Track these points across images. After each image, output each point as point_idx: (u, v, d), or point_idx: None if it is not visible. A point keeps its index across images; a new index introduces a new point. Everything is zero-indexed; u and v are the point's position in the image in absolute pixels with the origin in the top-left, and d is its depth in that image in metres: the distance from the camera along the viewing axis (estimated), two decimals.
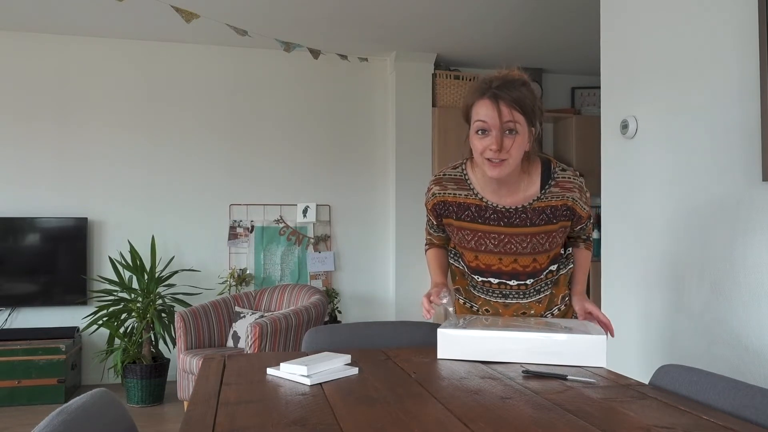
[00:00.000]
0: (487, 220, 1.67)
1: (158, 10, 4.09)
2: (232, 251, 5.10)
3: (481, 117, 1.54)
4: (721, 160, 2.07)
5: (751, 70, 1.96)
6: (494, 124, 1.53)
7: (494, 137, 1.53)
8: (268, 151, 5.21)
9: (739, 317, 2.00)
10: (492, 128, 1.53)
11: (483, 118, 1.54)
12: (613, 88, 2.62)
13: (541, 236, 1.66)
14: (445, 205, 1.71)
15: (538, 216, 1.64)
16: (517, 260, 1.69)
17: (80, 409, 0.98)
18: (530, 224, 1.65)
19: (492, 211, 1.66)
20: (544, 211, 1.64)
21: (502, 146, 1.53)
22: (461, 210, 1.69)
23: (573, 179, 1.67)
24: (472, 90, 1.60)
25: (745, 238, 1.99)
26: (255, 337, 3.57)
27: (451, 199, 1.70)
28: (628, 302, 2.49)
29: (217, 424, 1.04)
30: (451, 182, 1.71)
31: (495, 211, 1.66)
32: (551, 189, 1.64)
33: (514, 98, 1.53)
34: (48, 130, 4.79)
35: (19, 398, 4.16)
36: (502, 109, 1.52)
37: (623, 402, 1.17)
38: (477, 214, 1.67)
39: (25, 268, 4.61)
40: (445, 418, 1.06)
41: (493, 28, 4.67)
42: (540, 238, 1.66)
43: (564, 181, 1.65)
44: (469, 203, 1.68)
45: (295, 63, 5.19)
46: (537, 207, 1.64)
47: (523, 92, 1.55)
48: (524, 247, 1.67)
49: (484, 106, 1.54)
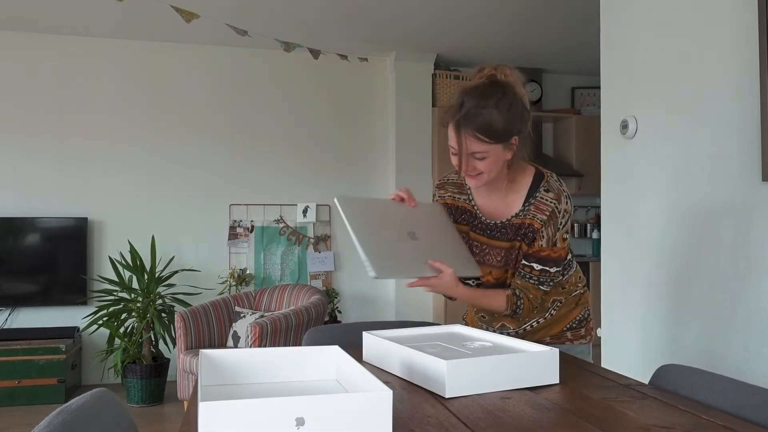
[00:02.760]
0: (475, 228, 1.74)
1: (158, 10, 4.09)
2: (232, 251, 5.10)
3: (451, 142, 1.59)
4: (721, 160, 2.07)
5: (751, 69, 1.96)
6: (461, 150, 1.57)
7: (462, 162, 1.58)
8: (268, 151, 5.21)
9: (739, 317, 2.00)
10: (460, 153, 1.58)
11: (451, 144, 1.59)
12: (613, 88, 2.62)
13: (513, 251, 1.68)
14: (445, 207, 1.78)
15: (515, 232, 1.67)
16: (492, 272, 1.72)
17: (80, 409, 0.98)
18: (506, 239, 1.68)
19: (479, 222, 1.73)
20: (521, 227, 1.66)
21: (468, 169, 1.59)
22: (459, 213, 1.76)
23: (549, 202, 1.64)
24: (446, 107, 1.62)
25: (745, 238, 1.99)
26: (255, 336, 3.57)
27: (450, 202, 1.78)
28: (628, 302, 2.49)
29: None
30: (452, 186, 1.80)
31: (481, 223, 1.73)
32: (529, 207, 1.66)
33: (479, 127, 1.52)
34: (48, 129, 4.79)
35: (19, 398, 4.16)
36: (465, 140, 1.55)
37: (623, 402, 1.17)
38: (469, 221, 1.75)
39: (25, 268, 4.61)
40: (445, 419, 1.06)
41: (493, 28, 4.68)
42: (511, 252, 1.68)
43: (542, 202, 1.65)
44: (466, 208, 1.76)
45: (295, 63, 5.19)
46: (515, 223, 1.67)
47: (492, 116, 1.52)
48: (498, 260, 1.70)
49: (452, 131, 1.57)
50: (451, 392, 1.18)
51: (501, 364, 1.23)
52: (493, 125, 1.52)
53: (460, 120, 1.54)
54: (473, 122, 1.53)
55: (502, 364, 1.23)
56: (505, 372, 1.24)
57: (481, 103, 1.53)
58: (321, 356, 1.29)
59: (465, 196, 1.76)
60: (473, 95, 1.56)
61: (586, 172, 5.57)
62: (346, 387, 1.19)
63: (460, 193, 1.77)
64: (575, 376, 1.39)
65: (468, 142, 1.54)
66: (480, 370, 1.21)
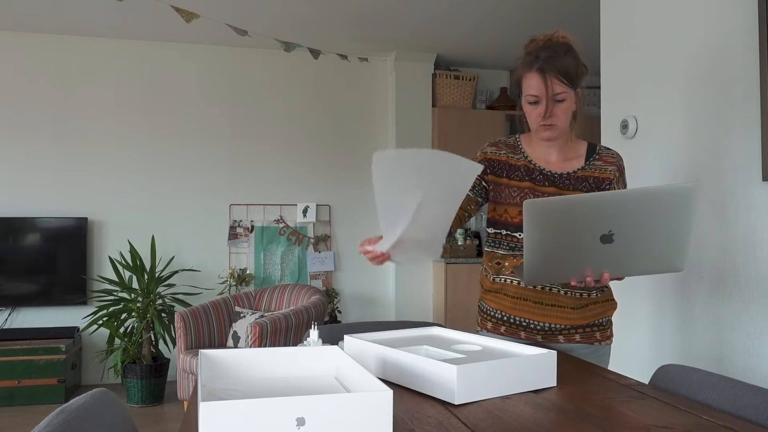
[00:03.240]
0: (535, 180, 1.78)
1: (158, 10, 4.09)
2: (232, 251, 5.10)
3: (532, 91, 1.69)
4: (721, 160, 2.07)
5: (751, 69, 1.96)
6: (543, 95, 1.68)
7: (544, 106, 1.69)
8: (268, 151, 5.21)
9: (739, 317, 2.00)
10: (542, 99, 1.68)
11: (534, 92, 1.68)
12: (613, 88, 2.62)
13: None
14: (498, 163, 1.81)
15: (581, 183, 1.77)
16: None
17: (80, 409, 0.98)
18: (573, 189, 1.77)
19: (539, 173, 1.79)
20: (587, 179, 1.78)
21: (552, 114, 1.69)
22: (512, 170, 1.80)
23: (616, 155, 1.82)
24: (521, 60, 1.73)
25: (745, 238, 1.99)
26: (255, 336, 3.57)
27: (504, 159, 1.82)
28: (628, 302, 2.49)
29: None
30: (505, 146, 1.84)
31: (542, 173, 1.79)
32: (594, 162, 1.80)
33: (560, 70, 1.66)
34: (48, 129, 4.79)
35: (19, 398, 4.16)
36: (549, 83, 1.66)
37: (623, 402, 1.17)
38: (526, 174, 1.79)
39: (25, 268, 4.61)
40: (445, 419, 1.06)
41: (493, 28, 4.68)
42: None
43: (607, 156, 1.81)
44: (519, 165, 1.80)
45: (295, 63, 5.19)
46: (581, 176, 1.78)
47: (568, 61, 1.68)
48: None
49: (534, 78, 1.68)
50: (460, 399, 1.14)
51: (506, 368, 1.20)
52: (570, 70, 1.68)
53: (543, 65, 1.66)
54: (555, 66, 1.66)
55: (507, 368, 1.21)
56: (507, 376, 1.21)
57: (555, 53, 1.68)
58: (321, 356, 1.29)
59: (520, 155, 1.81)
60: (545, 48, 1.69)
61: None
62: (346, 387, 1.18)
63: (513, 153, 1.82)
64: (575, 376, 1.39)
65: (552, 84, 1.66)
66: (487, 375, 1.18)
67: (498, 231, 1.81)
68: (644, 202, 1.40)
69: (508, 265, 1.78)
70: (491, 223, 1.83)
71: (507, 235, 1.79)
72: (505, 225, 1.79)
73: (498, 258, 1.81)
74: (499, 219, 1.80)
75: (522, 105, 1.75)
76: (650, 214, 1.41)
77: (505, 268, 1.79)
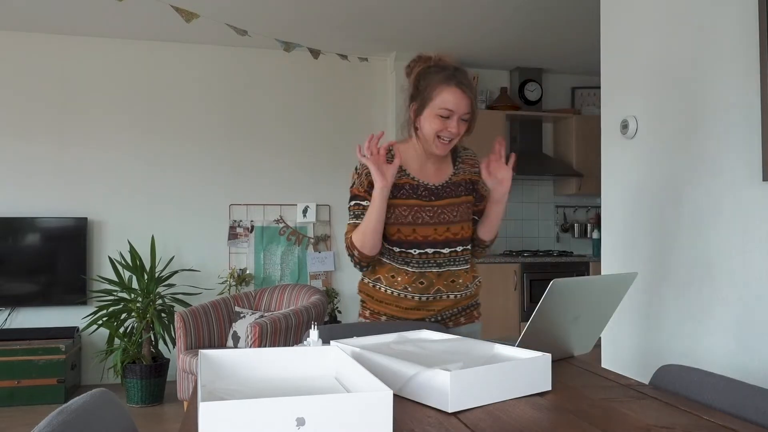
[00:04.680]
0: (420, 196, 1.87)
1: (158, 10, 4.08)
2: (232, 251, 5.10)
3: (448, 105, 1.76)
4: (721, 160, 2.07)
5: (751, 69, 1.96)
6: (458, 111, 1.77)
7: (455, 123, 1.78)
8: (268, 151, 5.21)
9: (738, 317, 2.00)
10: (455, 114, 1.77)
11: (450, 107, 1.76)
12: (613, 88, 2.62)
13: (464, 205, 1.91)
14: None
15: (457, 188, 1.91)
16: (449, 228, 1.88)
17: (80, 409, 0.98)
18: (454, 195, 1.90)
19: (423, 188, 1.88)
20: (461, 184, 1.92)
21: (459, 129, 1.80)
22: (396, 189, 1.86)
23: (474, 155, 1.98)
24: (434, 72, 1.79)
25: (744, 238, 1.99)
26: (255, 336, 3.57)
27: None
28: (628, 302, 2.49)
29: None
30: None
31: (426, 188, 1.88)
32: (461, 165, 1.94)
33: (473, 92, 1.78)
34: (48, 129, 4.79)
35: (19, 398, 4.16)
36: (467, 101, 1.77)
37: (623, 402, 1.17)
38: (411, 192, 1.87)
39: (25, 268, 4.61)
40: (445, 419, 1.06)
41: (493, 28, 4.68)
42: (464, 207, 1.91)
43: (467, 158, 1.96)
44: (403, 183, 1.87)
45: (295, 63, 5.19)
46: (455, 181, 1.91)
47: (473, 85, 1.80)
48: (455, 215, 1.89)
49: (452, 94, 1.76)
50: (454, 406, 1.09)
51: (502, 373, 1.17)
52: (475, 92, 1.79)
53: (463, 81, 1.76)
54: (470, 85, 1.77)
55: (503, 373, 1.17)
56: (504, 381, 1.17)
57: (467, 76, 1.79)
58: (321, 356, 1.29)
59: (400, 172, 1.88)
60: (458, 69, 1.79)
61: (586, 172, 5.57)
62: (346, 387, 1.18)
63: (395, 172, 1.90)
64: (575, 376, 1.39)
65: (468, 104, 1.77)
66: (482, 381, 1.14)
67: (391, 248, 1.89)
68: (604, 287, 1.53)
69: (401, 280, 1.88)
70: (385, 238, 1.89)
71: (400, 252, 1.88)
72: (399, 243, 1.88)
73: (393, 271, 1.90)
74: (392, 237, 1.88)
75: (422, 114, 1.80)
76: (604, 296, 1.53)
77: (398, 283, 1.88)
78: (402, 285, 1.87)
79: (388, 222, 1.86)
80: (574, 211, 6.01)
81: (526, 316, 5.12)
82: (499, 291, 5.11)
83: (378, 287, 1.92)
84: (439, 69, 1.79)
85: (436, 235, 1.86)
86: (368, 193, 1.85)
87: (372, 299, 1.94)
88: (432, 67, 1.80)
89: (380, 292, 1.91)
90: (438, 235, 1.86)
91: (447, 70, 1.78)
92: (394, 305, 1.89)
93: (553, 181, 5.95)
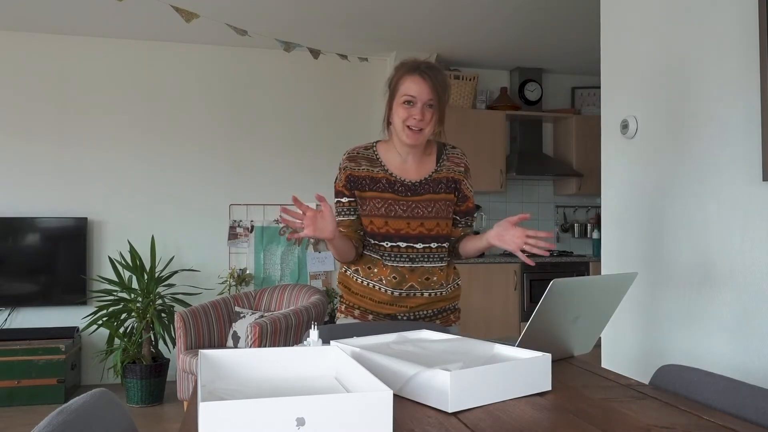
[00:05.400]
0: (396, 191, 1.90)
1: (158, 10, 4.09)
2: (232, 251, 5.10)
3: (410, 92, 1.82)
4: (721, 160, 2.07)
5: (751, 69, 1.96)
6: (420, 98, 1.82)
7: (419, 108, 1.82)
8: (268, 150, 5.21)
9: (738, 317, 2.00)
10: (418, 101, 1.82)
11: (412, 93, 1.82)
12: (613, 88, 2.62)
13: (443, 203, 1.92)
14: (359, 179, 1.92)
15: (437, 185, 1.92)
16: (423, 224, 1.90)
17: (80, 409, 0.98)
18: (432, 192, 1.92)
19: (400, 185, 1.91)
20: (441, 181, 1.93)
21: (424, 116, 1.82)
22: (373, 183, 1.91)
23: (462, 154, 1.99)
24: (401, 66, 1.88)
25: (744, 238, 1.99)
26: (255, 336, 3.57)
27: (364, 174, 1.92)
28: (628, 302, 2.49)
29: None
30: (363, 160, 1.95)
31: (402, 185, 1.91)
32: (444, 163, 1.95)
33: (438, 80, 1.82)
34: (48, 129, 4.79)
35: (19, 398, 4.16)
36: (428, 87, 1.81)
37: (623, 402, 1.17)
38: (388, 186, 1.91)
39: (25, 268, 4.61)
40: (445, 419, 1.06)
41: (493, 28, 4.67)
42: (443, 204, 1.92)
43: (454, 156, 1.97)
44: (380, 177, 1.91)
45: (295, 63, 5.19)
46: (435, 178, 1.93)
47: (443, 78, 1.85)
48: (429, 211, 1.91)
49: (414, 82, 1.82)
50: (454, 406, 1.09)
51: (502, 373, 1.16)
52: (444, 84, 1.84)
53: (426, 71, 1.82)
54: (434, 75, 1.82)
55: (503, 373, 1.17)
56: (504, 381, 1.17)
57: (435, 67, 1.85)
58: (321, 356, 1.29)
59: (378, 168, 1.91)
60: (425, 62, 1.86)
61: (586, 172, 5.57)
62: (346, 387, 1.18)
63: (372, 166, 1.93)
64: (575, 376, 1.39)
65: (429, 90, 1.81)
66: (482, 381, 1.13)
67: (367, 239, 1.93)
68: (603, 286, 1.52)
69: (377, 271, 1.91)
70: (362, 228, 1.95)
71: (375, 244, 1.92)
72: (372, 235, 1.92)
73: (370, 262, 1.93)
74: (366, 228, 1.92)
75: (392, 108, 1.89)
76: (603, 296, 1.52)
77: (374, 274, 1.92)
78: (378, 276, 1.91)
79: (363, 213, 1.92)
80: (574, 211, 6.01)
81: (526, 316, 5.12)
82: (499, 291, 5.11)
83: (355, 278, 1.96)
84: (407, 63, 1.87)
85: (409, 229, 1.89)
86: (346, 188, 1.92)
87: (349, 291, 1.98)
88: (404, 64, 1.89)
89: (356, 283, 1.95)
90: (411, 229, 1.89)
91: (414, 63, 1.85)
92: (368, 298, 1.92)
93: (553, 181, 5.95)
